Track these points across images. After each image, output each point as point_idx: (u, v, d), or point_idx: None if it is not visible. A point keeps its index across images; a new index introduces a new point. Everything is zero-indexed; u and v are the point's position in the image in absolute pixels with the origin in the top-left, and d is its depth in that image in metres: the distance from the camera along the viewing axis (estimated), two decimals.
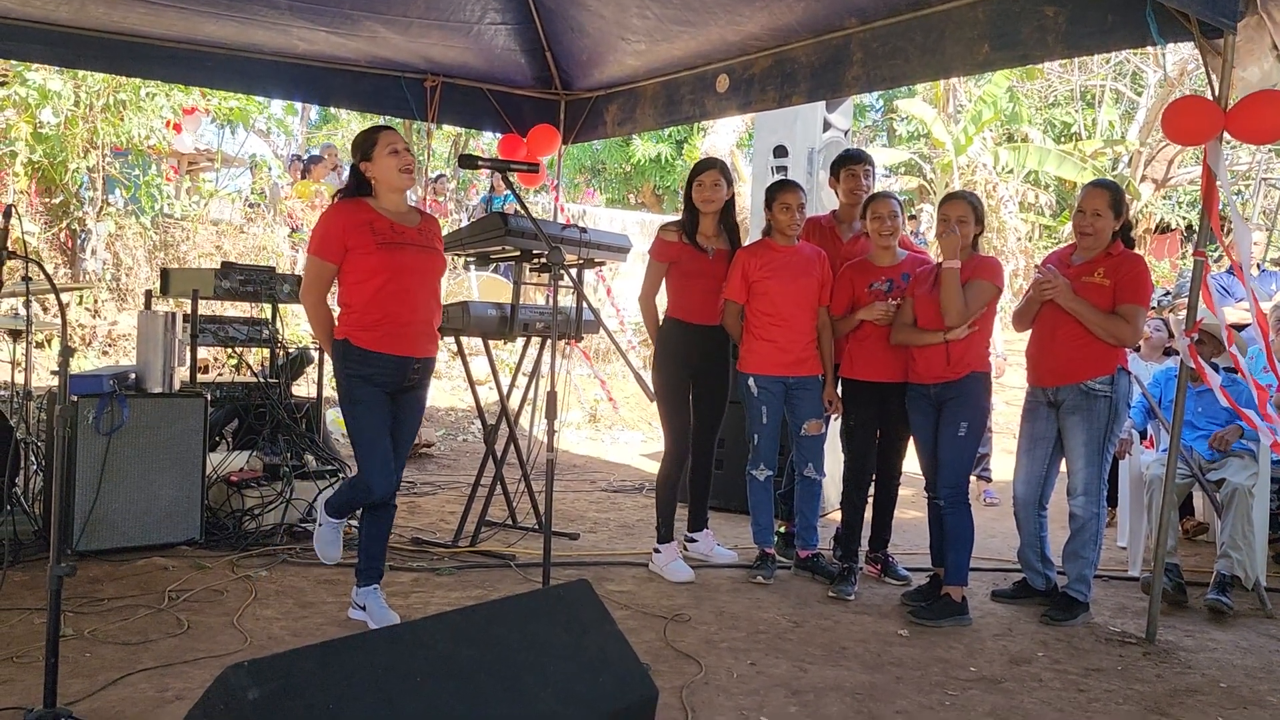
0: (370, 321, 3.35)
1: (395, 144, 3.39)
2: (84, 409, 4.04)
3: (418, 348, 3.43)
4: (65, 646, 2.99)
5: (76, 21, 5.15)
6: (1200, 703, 3.16)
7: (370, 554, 3.56)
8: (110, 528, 4.13)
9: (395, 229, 3.39)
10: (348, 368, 3.37)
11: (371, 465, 3.40)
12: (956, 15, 4.28)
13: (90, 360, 8.47)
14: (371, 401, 3.38)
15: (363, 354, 3.35)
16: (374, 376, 3.36)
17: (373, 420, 3.39)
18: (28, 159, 8.90)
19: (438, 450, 7.64)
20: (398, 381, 3.42)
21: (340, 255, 3.35)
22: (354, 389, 3.37)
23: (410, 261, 3.38)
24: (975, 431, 3.96)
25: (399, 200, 3.47)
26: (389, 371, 3.38)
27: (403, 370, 3.41)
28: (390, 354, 3.36)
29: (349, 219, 3.36)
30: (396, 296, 3.35)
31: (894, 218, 4.19)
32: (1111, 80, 16.64)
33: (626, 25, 5.41)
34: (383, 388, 3.39)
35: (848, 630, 3.72)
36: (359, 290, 3.36)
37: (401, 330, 3.37)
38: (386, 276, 3.33)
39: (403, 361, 3.39)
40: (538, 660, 2.22)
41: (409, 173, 3.42)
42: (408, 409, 3.52)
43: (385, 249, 3.33)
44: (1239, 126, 3.53)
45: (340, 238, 3.34)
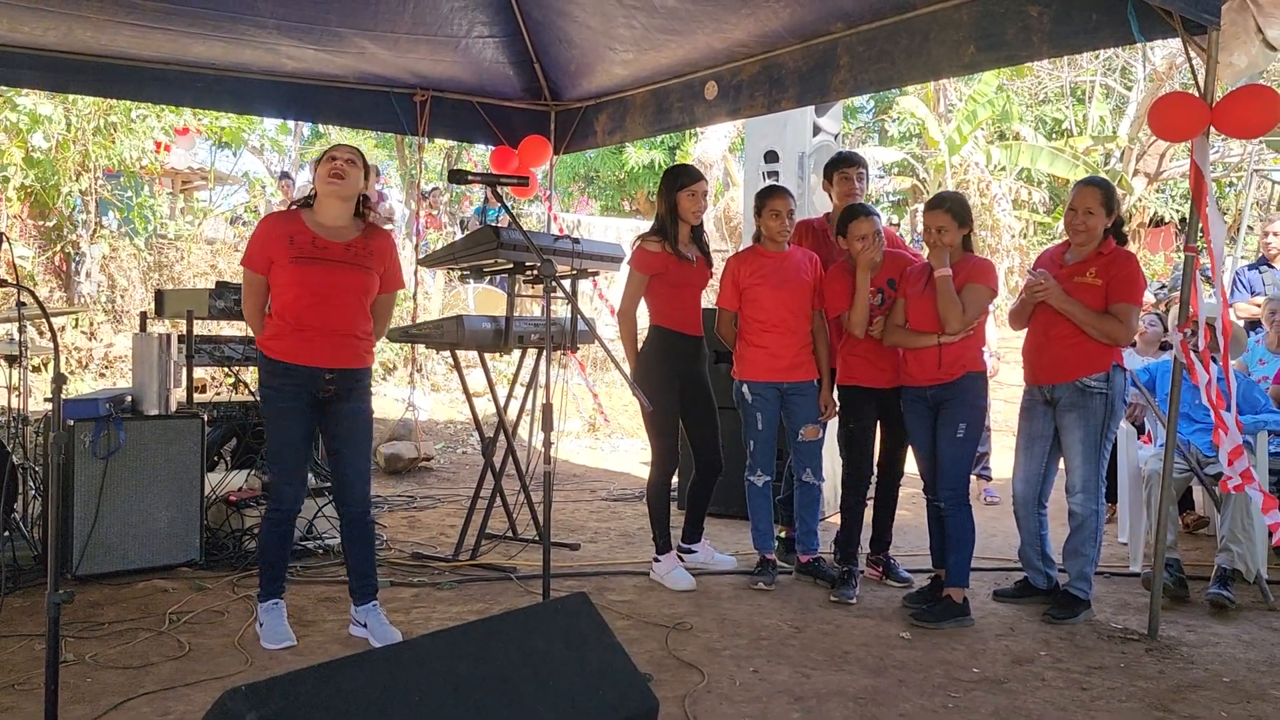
0: (281, 332, 3.38)
1: (334, 152, 3.42)
2: (80, 433, 4.04)
3: (329, 359, 3.39)
4: (66, 672, 2.99)
5: (65, 45, 5.16)
6: (1204, 698, 3.16)
7: (360, 572, 3.56)
8: (110, 551, 4.13)
9: (318, 243, 3.37)
10: (263, 377, 3.44)
11: (281, 476, 3.44)
12: (941, 17, 4.30)
13: (87, 383, 8.47)
14: (285, 411, 3.40)
15: (272, 364, 3.39)
16: (284, 387, 3.38)
17: (286, 431, 3.41)
18: (20, 184, 8.91)
19: (437, 463, 7.64)
20: (311, 393, 3.40)
21: (265, 267, 3.38)
22: (267, 398, 3.44)
23: (324, 277, 3.36)
24: (974, 432, 3.96)
25: (334, 213, 3.44)
26: (299, 382, 3.37)
27: (314, 381, 3.38)
28: (298, 364, 3.36)
29: (272, 231, 3.40)
30: (310, 310, 3.35)
31: (878, 234, 4.17)
32: (1101, 76, 16.68)
33: (614, 35, 5.43)
34: (296, 400, 3.39)
35: (850, 634, 3.72)
36: (276, 302, 3.40)
37: (310, 340, 3.36)
38: (297, 292, 3.35)
39: (312, 372, 3.38)
40: (537, 675, 2.22)
41: (335, 178, 3.37)
42: (341, 422, 3.47)
43: (298, 264, 3.33)
44: (1225, 121, 3.54)
45: (263, 250, 3.39)
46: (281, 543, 3.53)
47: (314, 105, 6.12)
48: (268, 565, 3.52)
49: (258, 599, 3.54)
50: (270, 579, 3.52)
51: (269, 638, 3.44)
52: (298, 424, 3.42)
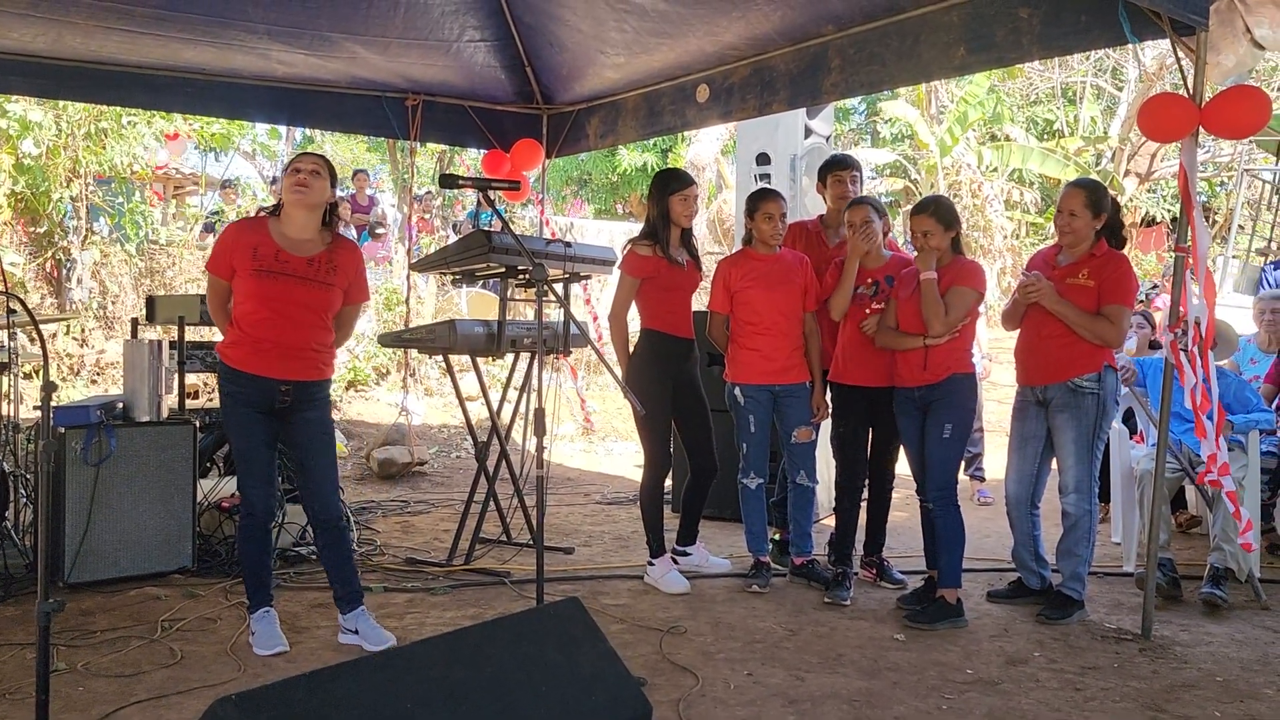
0: (238, 340, 3.39)
1: (299, 165, 3.40)
2: (71, 440, 4.03)
3: (283, 370, 3.39)
4: (58, 681, 2.98)
5: (54, 52, 5.14)
6: (1197, 698, 3.16)
7: (341, 579, 3.55)
8: (101, 558, 4.11)
9: (280, 257, 3.35)
10: (221, 384, 3.47)
11: (247, 480, 3.44)
12: (932, 19, 4.30)
13: (78, 390, 8.44)
14: (243, 420, 3.41)
15: (229, 371, 3.40)
16: (239, 395, 3.39)
17: (247, 437, 3.42)
18: (10, 190, 8.88)
19: (430, 468, 7.63)
20: (267, 402, 3.40)
21: (228, 273, 3.38)
22: (225, 405, 3.46)
23: (283, 292, 3.35)
24: (960, 433, 3.97)
25: (300, 224, 3.41)
26: (254, 391, 3.38)
27: (268, 391, 3.38)
28: (253, 374, 3.37)
29: (237, 239, 3.39)
30: (266, 322, 3.36)
31: (867, 224, 4.18)
32: (1092, 76, 16.72)
33: (605, 39, 5.43)
34: (252, 408, 3.40)
35: (844, 637, 3.72)
36: (237, 310, 3.41)
37: (268, 350, 3.36)
38: (256, 304, 3.35)
39: (267, 383, 3.37)
40: (531, 680, 2.22)
41: (300, 189, 3.36)
42: (301, 432, 3.46)
43: (259, 276, 3.33)
44: (1214, 122, 3.55)
45: (226, 256, 3.38)
46: (260, 550, 3.52)
47: (305, 110, 6.11)
48: (251, 574, 3.51)
49: (248, 611, 3.52)
50: (256, 589, 3.50)
51: (261, 643, 3.42)
52: (257, 430, 3.42)
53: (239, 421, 3.41)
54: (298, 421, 3.46)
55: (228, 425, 3.47)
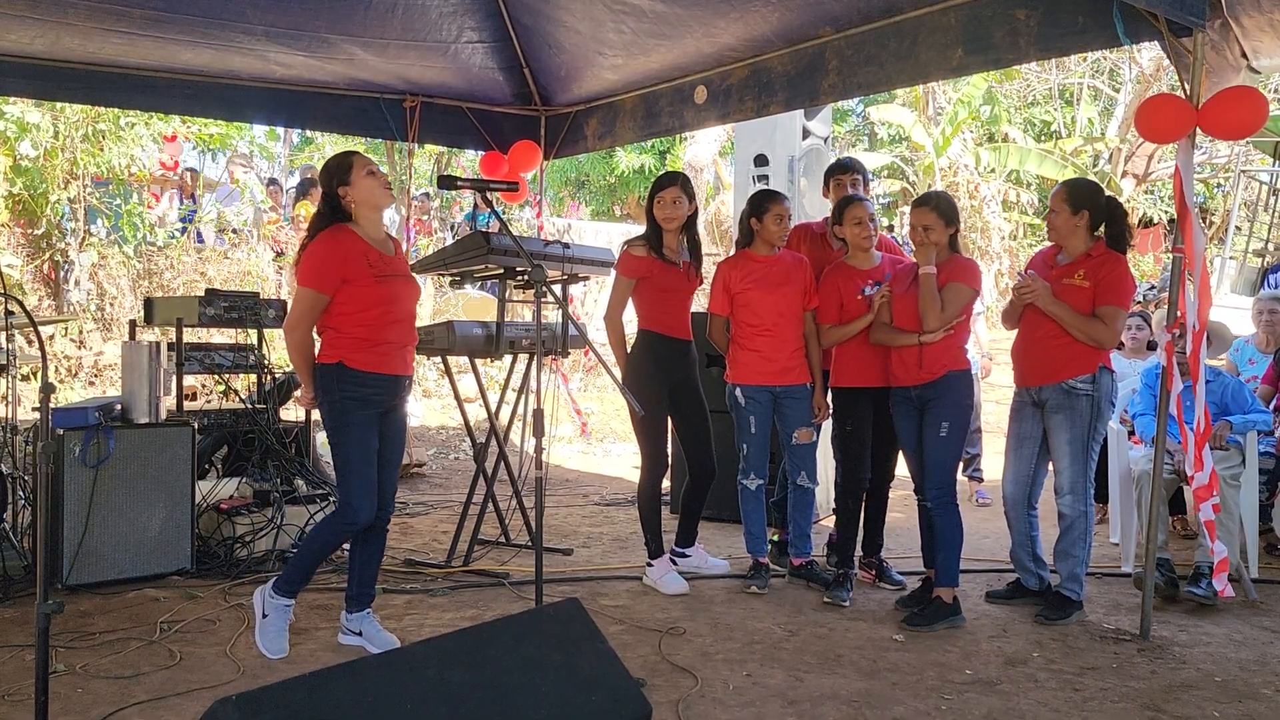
0: (367, 345, 3.36)
1: (371, 165, 3.42)
2: (70, 442, 4.03)
3: (407, 366, 3.51)
4: (57, 683, 2.98)
5: (52, 54, 5.14)
6: (1196, 698, 3.17)
7: (362, 580, 3.56)
8: (100, 560, 4.11)
9: (384, 260, 3.41)
10: (343, 390, 3.34)
11: (360, 489, 3.38)
12: (929, 21, 4.31)
13: (76, 391, 8.44)
14: (364, 425, 3.38)
15: (359, 375, 3.35)
16: (371, 398, 3.38)
17: (364, 443, 3.39)
18: (8, 192, 8.87)
19: (429, 469, 7.63)
20: (390, 400, 3.46)
21: (336, 287, 3.33)
22: (349, 412, 3.35)
23: (400, 292, 3.45)
24: (958, 431, 3.97)
25: (378, 225, 3.49)
26: (385, 391, 3.42)
27: (395, 389, 3.46)
28: (387, 374, 3.41)
29: (344, 250, 3.33)
30: (394, 325, 3.41)
31: (872, 220, 4.23)
32: (1089, 77, 16.75)
33: (603, 40, 5.43)
34: (376, 409, 3.41)
35: (843, 637, 3.72)
36: (354, 319, 3.35)
37: (396, 351, 3.43)
38: (383, 309, 3.37)
39: (395, 380, 3.45)
40: (530, 682, 2.22)
41: (389, 190, 3.46)
42: (394, 429, 3.54)
43: (381, 282, 3.36)
44: (1211, 123, 3.56)
45: (339, 270, 3.31)
46: (330, 552, 3.62)
47: (304, 112, 6.11)
48: (306, 566, 3.50)
49: (275, 588, 3.46)
50: (301, 578, 3.50)
51: (267, 642, 3.42)
52: (372, 435, 3.42)
53: (358, 429, 3.36)
54: (392, 420, 3.52)
55: (343, 430, 3.36)
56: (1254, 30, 3.62)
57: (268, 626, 3.44)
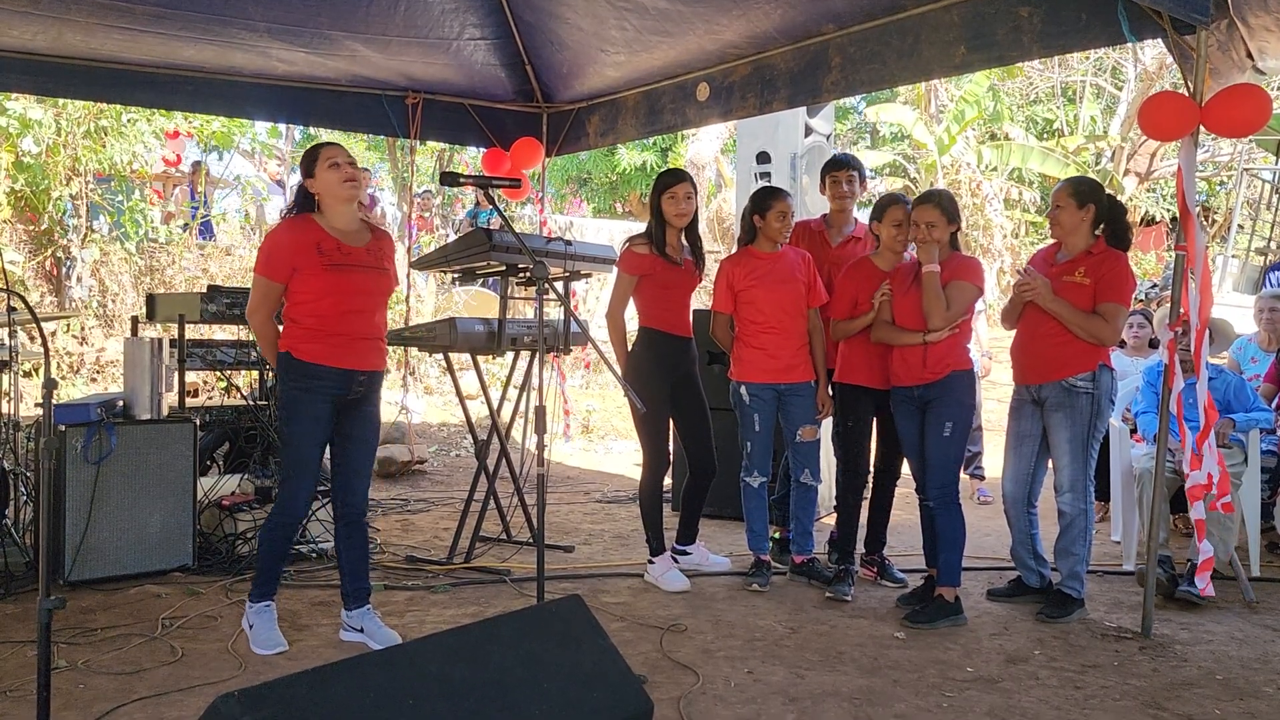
0: (314, 336, 3.36)
1: (335, 157, 3.38)
2: (72, 438, 4.03)
3: (362, 361, 3.43)
4: (58, 679, 2.98)
5: (55, 50, 5.14)
6: (1197, 695, 3.17)
7: (354, 576, 3.55)
8: (102, 556, 4.11)
9: (343, 249, 3.38)
10: (289, 381, 3.38)
11: (299, 484, 3.41)
12: (932, 18, 4.31)
13: (78, 388, 8.44)
14: (313, 416, 3.38)
15: (305, 366, 3.36)
16: (317, 389, 3.36)
17: (308, 435, 3.39)
18: (10, 188, 8.87)
19: (430, 466, 7.63)
20: (342, 394, 3.41)
21: (288, 275, 3.35)
22: (296, 403, 3.37)
23: (357, 283, 3.39)
24: (961, 430, 3.97)
25: (347, 216, 3.45)
26: (332, 384, 3.38)
27: (346, 383, 3.41)
28: (333, 366, 3.37)
29: (295, 238, 3.36)
30: (345, 316, 3.37)
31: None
32: (1092, 76, 16.72)
33: (605, 37, 5.43)
34: (326, 401, 3.39)
35: (844, 635, 3.72)
36: (305, 309, 3.37)
37: (344, 344, 3.38)
38: (335, 299, 3.35)
39: (346, 374, 3.40)
40: (532, 678, 2.22)
41: (352, 183, 3.39)
42: (358, 424, 3.50)
43: (333, 270, 3.33)
44: (1215, 120, 3.55)
45: (288, 258, 3.34)
46: (286, 549, 3.55)
47: (305, 108, 6.11)
48: (268, 569, 3.50)
49: (250, 598, 3.51)
50: (267, 580, 3.51)
51: (260, 643, 3.42)
52: (321, 429, 3.41)
53: (308, 417, 3.37)
54: (358, 414, 3.48)
55: (292, 422, 3.38)
56: (1260, 30, 3.61)
57: (257, 633, 3.45)
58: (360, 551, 3.57)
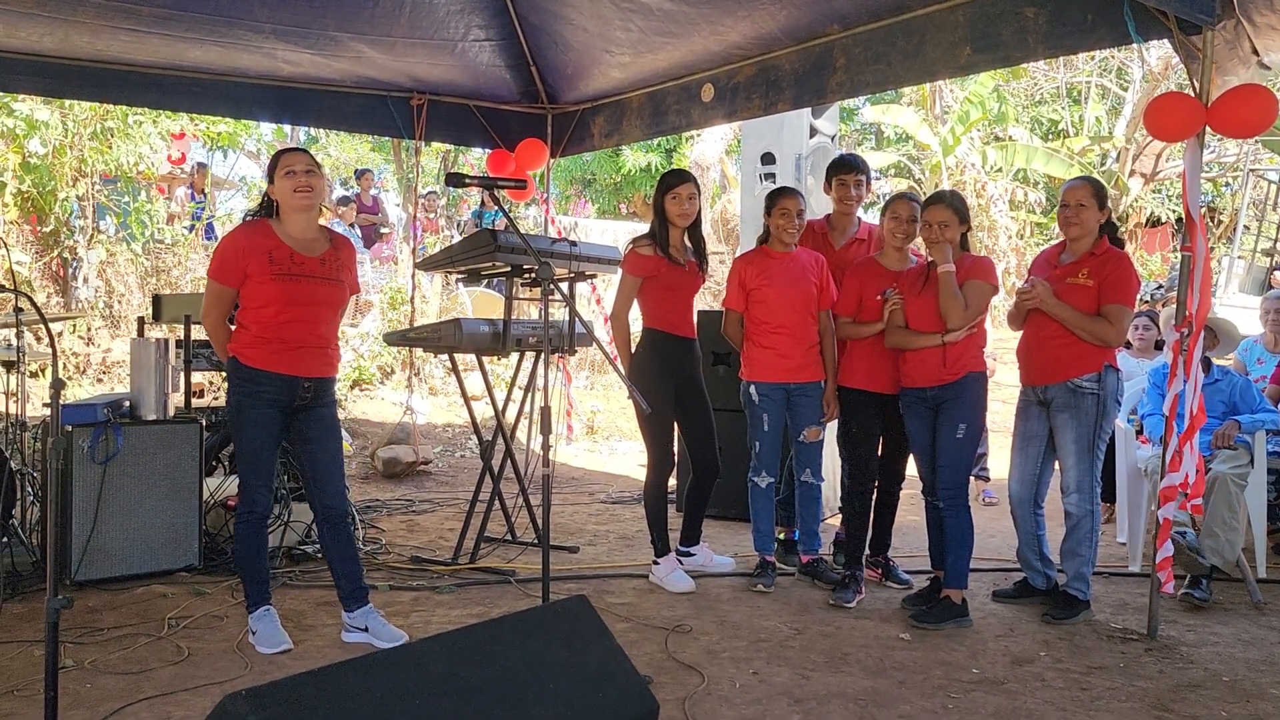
0: (259, 342, 3.37)
1: (292, 165, 3.37)
2: (79, 438, 4.04)
3: (307, 368, 3.43)
4: (65, 678, 2.99)
5: (62, 51, 5.16)
6: (1204, 698, 3.16)
7: (347, 576, 3.55)
8: (108, 556, 4.12)
9: (295, 259, 3.38)
10: (237, 385, 3.40)
11: (255, 481, 3.43)
12: (937, 19, 4.30)
13: (85, 388, 8.46)
14: (259, 421, 3.40)
15: (250, 372, 3.38)
16: (262, 394, 3.38)
17: (258, 439, 3.41)
18: (17, 189, 8.90)
19: (435, 467, 7.64)
20: (288, 400, 3.42)
21: (239, 280, 3.37)
22: (242, 407, 3.40)
23: (305, 293, 3.39)
24: (974, 432, 3.96)
25: (303, 224, 3.44)
26: (276, 390, 3.39)
27: (291, 389, 3.41)
28: (278, 372, 3.38)
29: (248, 244, 3.37)
30: (290, 325, 3.38)
31: (912, 221, 4.11)
32: (1097, 76, 16.69)
33: (610, 38, 5.43)
34: (272, 407, 3.40)
35: (849, 636, 3.72)
36: (253, 315, 3.39)
37: (292, 351, 3.39)
38: (280, 307, 3.36)
39: (290, 381, 3.41)
40: (537, 678, 2.22)
41: (304, 193, 3.37)
42: (315, 427, 3.50)
43: (280, 280, 3.34)
44: (1221, 121, 3.55)
45: (238, 263, 3.35)
46: (261, 548, 3.54)
47: (311, 109, 6.12)
48: (251, 573, 3.51)
49: (248, 610, 3.52)
50: (255, 586, 3.51)
51: (265, 642, 3.43)
52: (271, 430, 3.43)
53: (255, 421, 3.40)
54: (311, 418, 3.49)
55: (241, 425, 3.42)
56: (1265, 28, 3.61)
57: (260, 637, 3.46)
58: (347, 551, 3.57)
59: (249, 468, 3.45)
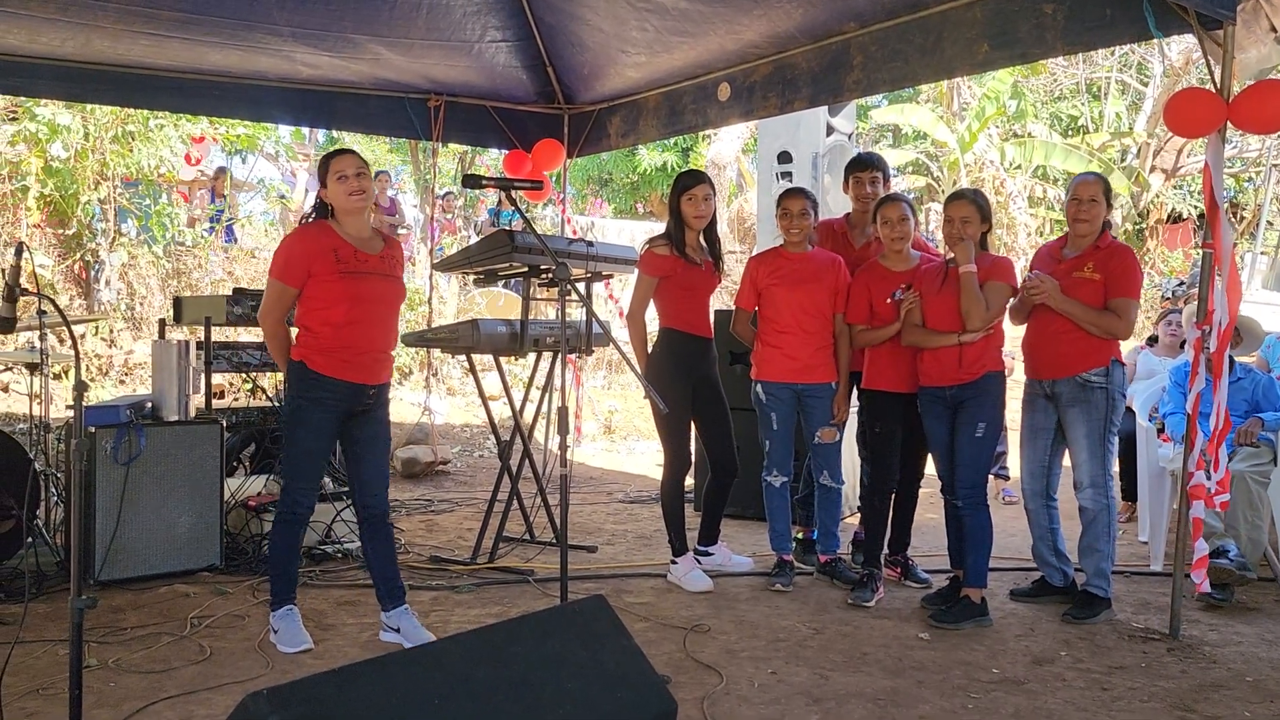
0: (328, 347, 3.39)
1: (344, 170, 3.39)
2: (102, 439, 4.08)
3: (372, 375, 3.46)
4: (89, 677, 3.02)
5: (83, 56, 5.21)
6: (1226, 698, 3.14)
7: (385, 576, 3.58)
8: (131, 556, 4.16)
9: (359, 256, 3.41)
10: (299, 389, 3.42)
11: (302, 484, 3.45)
12: (954, 16, 4.28)
13: (107, 390, 8.54)
14: (318, 425, 3.42)
15: (316, 378, 3.39)
16: (326, 400, 3.40)
17: (314, 442, 3.44)
18: (39, 193, 8.99)
19: (453, 467, 7.66)
20: (349, 406, 3.44)
21: (302, 280, 3.39)
22: (303, 411, 3.41)
23: (371, 290, 3.42)
24: (993, 431, 3.94)
25: (359, 225, 3.48)
26: (342, 397, 3.41)
27: (356, 397, 3.44)
28: (345, 380, 3.40)
29: (313, 244, 3.40)
30: (356, 325, 3.40)
31: (903, 221, 4.11)
32: (1117, 72, 16.56)
33: (626, 38, 5.44)
34: (333, 413, 3.42)
35: (868, 635, 3.71)
36: (318, 316, 3.40)
37: (358, 358, 3.41)
38: (348, 305, 3.37)
39: (357, 389, 3.43)
40: (555, 678, 2.23)
41: (358, 195, 3.40)
42: (369, 430, 3.53)
43: (346, 277, 3.37)
44: (1242, 117, 3.52)
45: (303, 263, 3.38)
46: (294, 549, 3.56)
47: (330, 112, 6.16)
48: (283, 572, 3.54)
49: (270, 607, 3.55)
50: (284, 585, 3.53)
51: (286, 642, 3.45)
52: (327, 435, 3.45)
53: (312, 424, 3.41)
54: (367, 420, 3.52)
55: (299, 426, 3.43)
56: None
57: (281, 636, 3.48)
58: (386, 551, 3.60)
59: (297, 469, 3.47)
